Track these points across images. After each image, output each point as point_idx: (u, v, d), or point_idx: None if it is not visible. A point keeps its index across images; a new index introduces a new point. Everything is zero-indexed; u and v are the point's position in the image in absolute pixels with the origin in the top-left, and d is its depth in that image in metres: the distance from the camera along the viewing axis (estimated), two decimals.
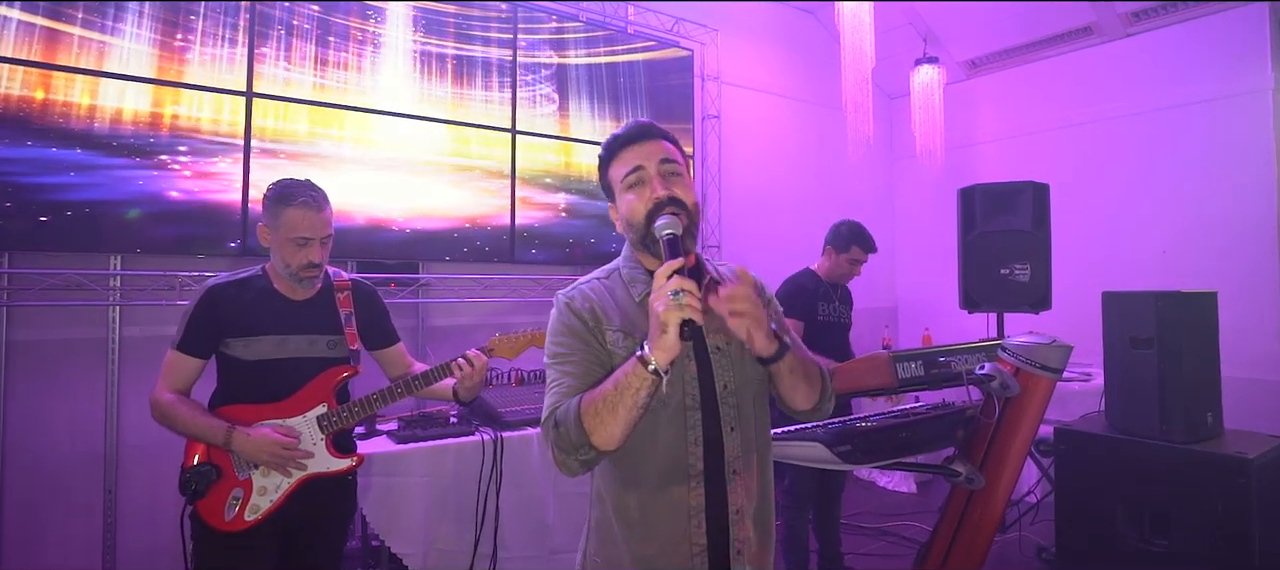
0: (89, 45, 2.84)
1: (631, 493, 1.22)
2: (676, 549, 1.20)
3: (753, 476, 1.28)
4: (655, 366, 1.04)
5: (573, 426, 1.11)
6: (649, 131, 1.28)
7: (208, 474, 1.59)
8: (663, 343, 1.03)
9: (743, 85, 5.17)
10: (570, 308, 1.25)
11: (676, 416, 1.21)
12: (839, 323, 3.03)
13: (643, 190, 1.22)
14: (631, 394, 1.06)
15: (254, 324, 1.67)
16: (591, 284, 1.30)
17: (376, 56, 3.57)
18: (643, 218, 1.20)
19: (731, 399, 1.25)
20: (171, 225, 2.98)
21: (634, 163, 1.23)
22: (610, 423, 1.08)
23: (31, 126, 2.72)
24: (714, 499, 1.22)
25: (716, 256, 4.91)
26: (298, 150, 3.31)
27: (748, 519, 1.25)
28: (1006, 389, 2.22)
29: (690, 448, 1.21)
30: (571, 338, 1.22)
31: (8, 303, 2.79)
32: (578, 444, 1.10)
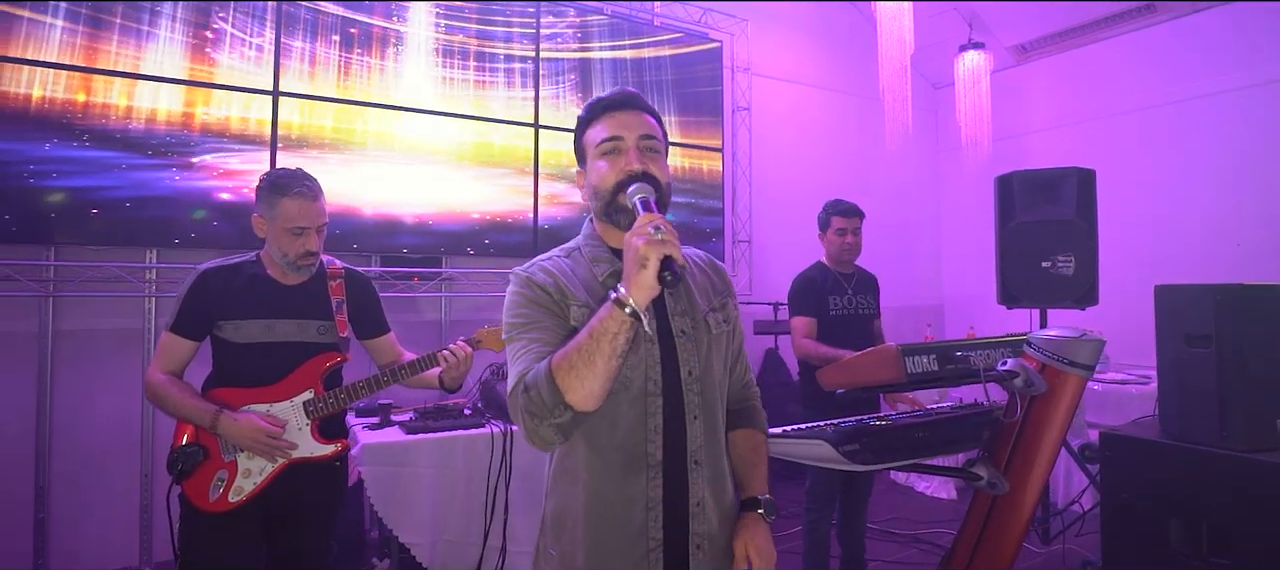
0: (126, 48, 2.97)
1: (587, 483, 1.14)
2: (633, 544, 1.12)
3: (718, 465, 1.21)
4: (633, 307, 0.96)
5: (545, 386, 1.02)
6: (634, 101, 1.21)
7: (194, 455, 1.62)
8: (641, 279, 0.95)
9: (774, 76, 5.04)
10: (531, 282, 1.17)
11: (637, 401, 1.13)
12: (856, 313, 2.86)
13: (617, 159, 1.15)
14: (609, 340, 0.98)
15: (244, 307, 1.70)
16: (552, 260, 1.21)
17: (399, 54, 3.63)
18: (611, 186, 1.14)
19: (696, 385, 1.17)
20: (203, 220, 3.09)
21: (613, 131, 1.16)
22: (587, 376, 0.99)
23: (74, 128, 2.86)
24: (674, 491, 1.15)
25: (748, 251, 4.80)
26: (323, 146, 3.39)
27: (710, 512, 1.18)
28: (1031, 386, 2.06)
29: (650, 435, 1.13)
30: (534, 308, 1.14)
31: (53, 294, 2.94)
32: (552, 405, 1.01)
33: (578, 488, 1.15)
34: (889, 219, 5.64)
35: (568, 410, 1.01)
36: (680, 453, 1.15)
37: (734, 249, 4.81)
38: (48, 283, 2.92)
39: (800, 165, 5.10)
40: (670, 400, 1.15)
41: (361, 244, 3.49)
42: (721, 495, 1.22)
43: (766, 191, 4.84)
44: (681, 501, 1.15)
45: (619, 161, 1.15)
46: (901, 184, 5.77)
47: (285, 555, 1.76)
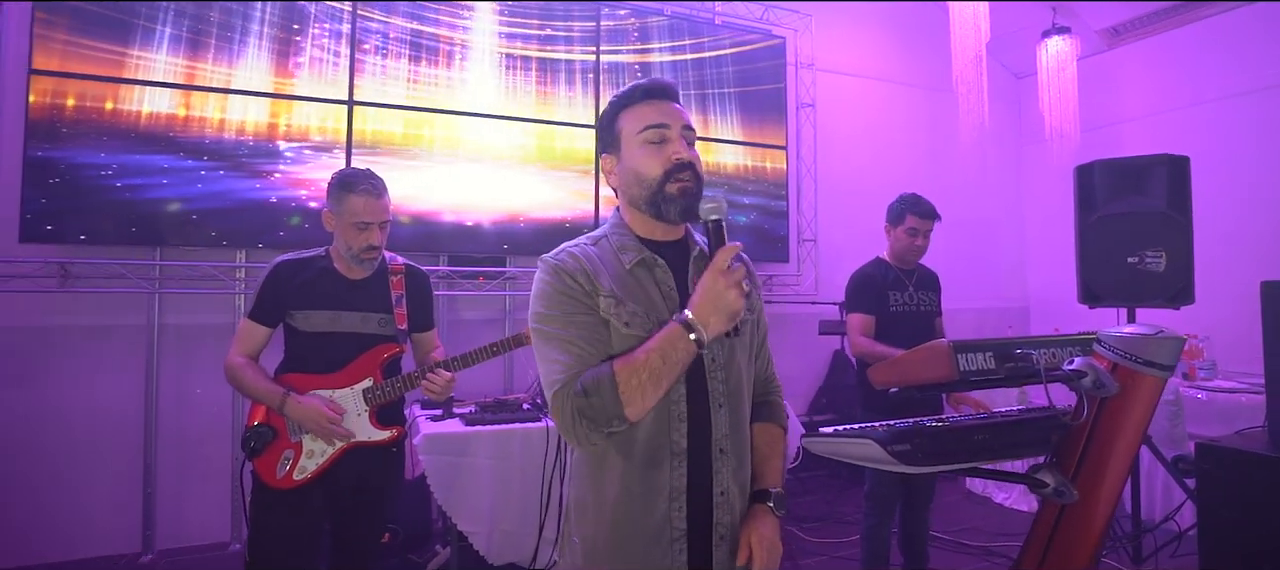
0: (220, 66, 3.25)
1: (612, 471, 1.14)
2: (657, 533, 1.12)
3: (743, 454, 1.21)
4: (705, 340, 1.02)
5: (608, 396, 1.03)
6: (674, 92, 1.21)
7: (265, 434, 1.76)
8: (720, 324, 1.02)
9: (840, 71, 4.90)
10: (563, 270, 1.15)
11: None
12: (917, 311, 2.74)
13: (664, 148, 1.15)
14: (680, 367, 1.04)
15: (312, 298, 1.82)
16: (580, 247, 1.20)
17: (465, 63, 3.78)
18: (659, 175, 1.14)
19: (720, 373, 1.17)
20: (283, 223, 3.32)
21: (656, 119, 1.16)
22: (651, 394, 1.03)
23: (176, 141, 3.15)
24: (698, 480, 1.14)
25: (813, 250, 4.69)
26: (393, 151, 3.57)
27: (734, 502, 1.17)
28: (1101, 388, 1.91)
29: (675, 423, 1.13)
30: (569, 300, 1.13)
31: (159, 291, 3.24)
32: (612, 415, 1.03)
33: (603, 475, 1.15)
34: (967, 217, 5.38)
35: (624, 421, 1.04)
36: (705, 442, 1.15)
37: (799, 248, 4.72)
38: (154, 280, 3.22)
39: (868, 162, 4.94)
40: (695, 389, 1.15)
41: (429, 244, 3.65)
42: (745, 486, 1.21)
43: (832, 189, 4.72)
44: (706, 491, 1.14)
45: (666, 149, 1.14)
46: (981, 180, 5.48)
47: (344, 532, 1.86)
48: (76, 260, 3.06)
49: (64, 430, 3.14)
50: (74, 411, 3.15)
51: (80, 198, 2.99)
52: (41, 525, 3.09)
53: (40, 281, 3.03)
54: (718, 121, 4.40)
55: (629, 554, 1.13)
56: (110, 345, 3.21)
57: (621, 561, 1.13)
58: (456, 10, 3.76)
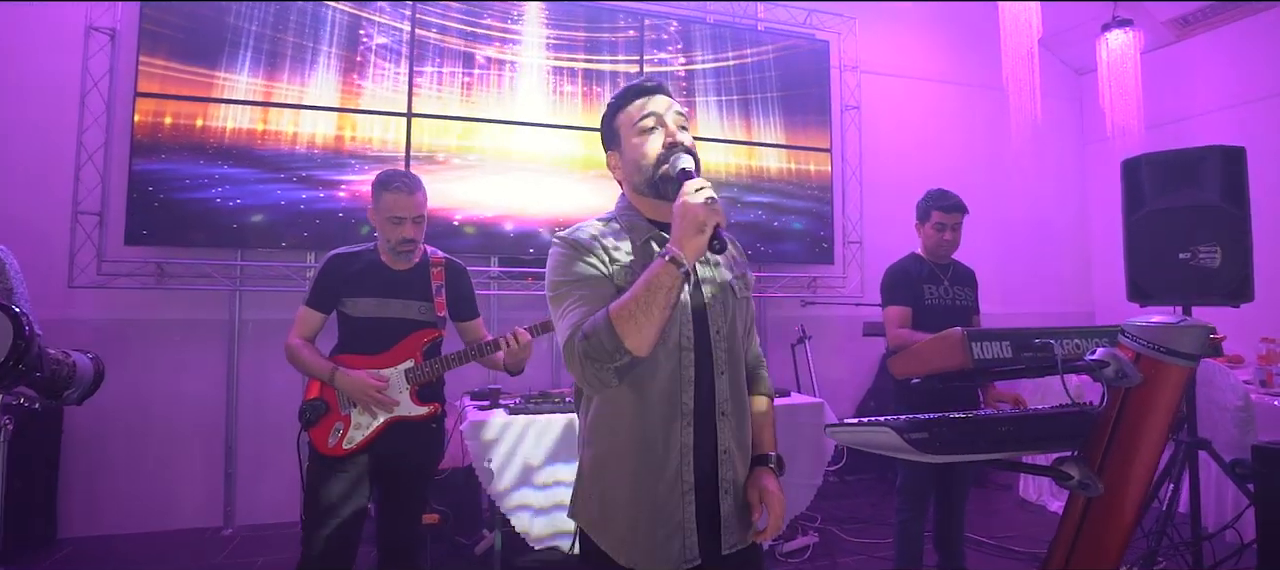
0: (294, 85, 3.57)
1: (631, 428, 1.24)
2: (671, 486, 1.23)
3: (742, 417, 1.33)
4: (686, 265, 1.09)
5: (605, 333, 1.11)
6: (664, 88, 1.33)
7: (319, 407, 1.97)
8: (697, 242, 1.09)
9: (885, 72, 4.88)
10: (575, 243, 1.26)
11: (673, 354, 1.23)
12: (953, 306, 2.73)
13: (658, 133, 1.26)
14: (664, 293, 1.09)
15: (361, 287, 2.02)
16: (591, 225, 1.31)
17: (515, 75, 3.99)
18: (654, 158, 1.24)
19: (723, 343, 1.28)
20: (350, 226, 3.60)
21: (649, 109, 1.27)
22: (645, 324, 1.10)
23: (255, 153, 3.48)
24: (703, 439, 1.25)
25: (858, 253, 4.67)
26: (449, 159, 3.81)
27: (736, 461, 1.29)
28: (1124, 378, 1.90)
29: (683, 386, 1.23)
30: (582, 266, 1.23)
31: (240, 289, 3.57)
32: (613, 350, 1.11)
33: (622, 433, 1.25)
34: (1027, 219, 5.23)
35: (627, 354, 1.12)
36: (709, 404, 1.26)
37: (845, 251, 4.70)
38: (236, 279, 3.55)
39: (915, 163, 4.88)
40: (701, 355, 1.26)
41: (482, 246, 3.86)
42: (744, 448, 1.33)
43: (878, 191, 4.69)
44: (710, 449, 1.26)
45: (659, 134, 1.26)
46: (1040, 180, 5.32)
47: (388, 506, 2.05)
48: (170, 260, 3.42)
49: (158, 413, 3.50)
50: (167, 396, 3.51)
51: (174, 205, 3.35)
52: (138, 498, 3.46)
53: (141, 279, 3.40)
54: (761, 126, 4.46)
55: (648, 503, 1.23)
56: (198, 337, 3.56)
57: (639, 510, 1.24)
58: (507, 27, 3.99)
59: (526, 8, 4.03)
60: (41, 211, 3.32)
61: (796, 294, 4.55)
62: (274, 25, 3.54)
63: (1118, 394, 1.88)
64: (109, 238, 3.34)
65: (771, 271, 4.49)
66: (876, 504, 4.09)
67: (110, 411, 3.40)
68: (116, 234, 3.33)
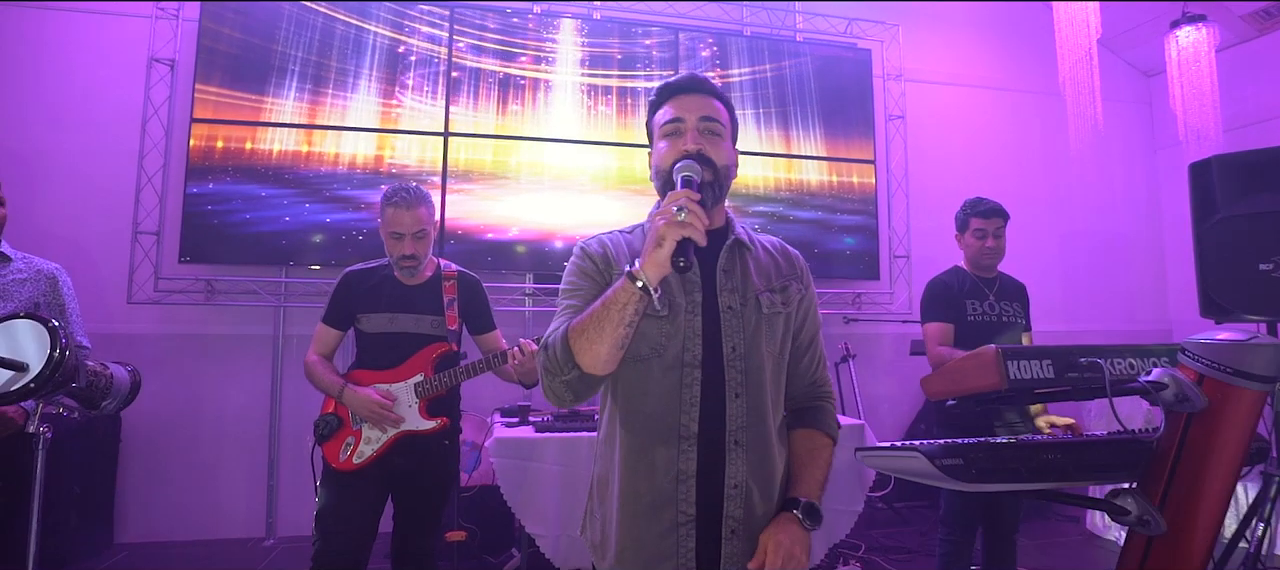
0: (336, 108, 3.69)
1: (620, 449, 1.17)
2: (660, 513, 1.13)
3: (764, 451, 1.18)
4: (643, 282, 1.00)
5: (559, 346, 1.07)
6: (698, 86, 1.25)
7: (331, 422, 1.98)
8: (655, 257, 0.99)
9: (931, 80, 4.69)
10: (585, 252, 1.24)
11: (672, 371, 1.15)
12: (999, 322, 2.54)
13: (677, 140, 1.19)
14: (618, 309, 1.02)
15: (373, 302, 2.03)
16: (611, 234, 1.28)
17: (549, 94, 4.02)
18: (668, 165, 1.18)
19: (739, 363, 1.16)
20: None
21: (676, 113, 1.21)
22: (596, 341, 1.04)
23: (300, 175, 3.60)
24: (709, 468, 1.14)
25: (905, 267, 4.48)
26: (484, 177, 3.86)
27: (753, 499, 1.15)
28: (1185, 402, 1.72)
29: (686, 407, 1.14)
30: (580, 277, 1.21)
31: (284, 305, 3.69)
32: (562, 363, 1.07)
33: (614, 453, 1.19)
34: (1091, 230, 4.92)
35: (576, 369, 1.06)
36: (718, 430, 1.15)
37: (891, 265, 4.52)
38: (281, 296, 3.67)
39: (965, 174, 4.65)
40: (710, 375, 1.15)
41: (519, 262, 3.88)
42: (767, 484, 1.18)
43: (925, 203, 4.49)
44: (719, 480, 1.14)
45: (678, 142, 1.18)
46: (1106, 189, 5.00)
47: (403, 522, 2.04)
48: (219, 278, 3.57)
49: (208, 424, 3.63)
50: (216, 409, 3.64)
51: (223, 225, 3.49)
52: (189, 505, 3.59)
53: (192, 296, 3.55)
54: (801, 138, 4.34)
55: (638, 531, 1.15)
56: (244, 352, 3.69)
57: (632, 537, 1.16)
58: (542, 45, 4.02)
59: (562, 25, 4.07)
60: (106, 232, 3.52)
61: (840, 310, 4.39)
62: (318, 50, 3.68)
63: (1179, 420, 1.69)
64: (165, 256, 3.52)
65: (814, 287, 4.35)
66: (926, 533, 3.86)
67: (165, 422, 3.55)
68: (172, 253, 3.49)
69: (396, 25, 3.82)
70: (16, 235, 2.45)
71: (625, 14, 4.27)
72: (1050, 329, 2.79)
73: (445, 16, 3.89)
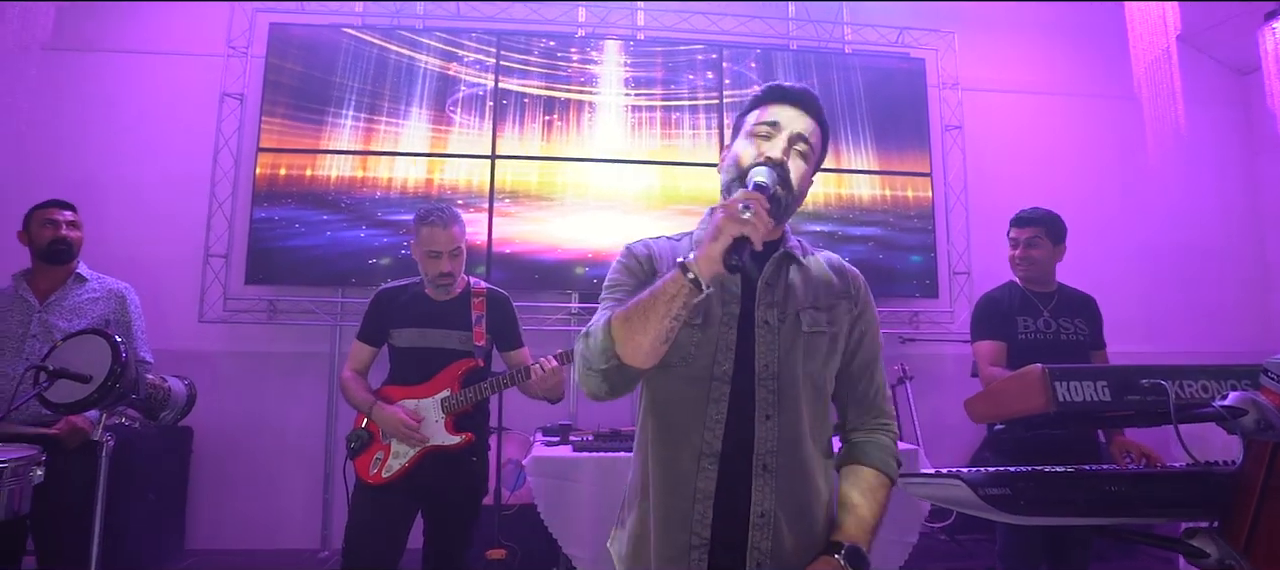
0: (390, 133, 3.84)
1: (646, 458, 1.14)
2: (675, 532, 1.07)
3: (798, 480, 1.11)
4: (694, 274, 0.95)
5: (600, 333, 1.03)
6: (811, 104, 1.19)
7: (363, 437, 2.03)
8: (710, 250, 0.94)
9: (990, 88, 4.47)
10: (630, 252, 1.22)
11: (698, 382, 1.10)
12: (1057, 340, 2.34)
13: (764, 143, 1.14)
14: (665, 301, 0.98)
15: (404, 318, 2.08)
16: (658, 239, 1.26)
17: (593, 115, 4.06)
18: (747, 164, 1.12)
19: (771, 383, 1.10)
20: None
21: (773, 117, 1.15)
22: (639, 331, 0.99)
23: (355, 199, 3.77)
24: (732, 491, 1.08)
25: (966, 284, 4.27)
26: (530, 198, 3.92)
27: (781, 530, 1.08)
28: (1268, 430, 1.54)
29: (710, 423, 1.09)
30: (624, 274, 1.19)
31: (340, 324, 3.84)
32: (601, 352, 1.02)
33: (641, 461, 1.16)
34: (1176, 242, 4.55)
35: (614, 359, 1.01)
36: (746, 452, 1.09)
37: (951, 282, 4.30)
38: (337, 315, 3.82)
39: (1030, 186, 4.38)
40: (740, 392, 1.10)
41: (563, 282, 3.91)
42: (800, 517, 1.11)
43: (987, 217, 4.25)
44: (743, 507, 1.08)
45: (765, 145, 1.13)
46: (1195, 197, 4.61)
47: (433, 536, 2.07)
48: (281, 297, 3.75)
49: (271, 438, 3.80)
50: (278, 423, 3.81)
51: (285, 248, 3.68)
52: (253, 515, 3.76)
53: (256, 315, 3.75)
54: (851, 152, 4.22)
55: (650, 549, 1.10)
56: (304, 369, 3.85)
57: (645, 553, 1.12)
58: (586, 68, 4.08)
59: (605, 47, 4.11)
60: (180, 255, 3.77)
61: (897, 329, 4.20)
62: (373, 81, 3.86)
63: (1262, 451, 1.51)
64: (232, 277, 3.73)
65: None
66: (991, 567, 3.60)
67: (231, 435, 3.74)
68: (239, 274, 3.70)
69: (446, 54, 3.96)
70: (99, 259, 2.65)
71: (668, 33, 4.28)
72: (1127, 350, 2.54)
73: (492, 44, 4.00)
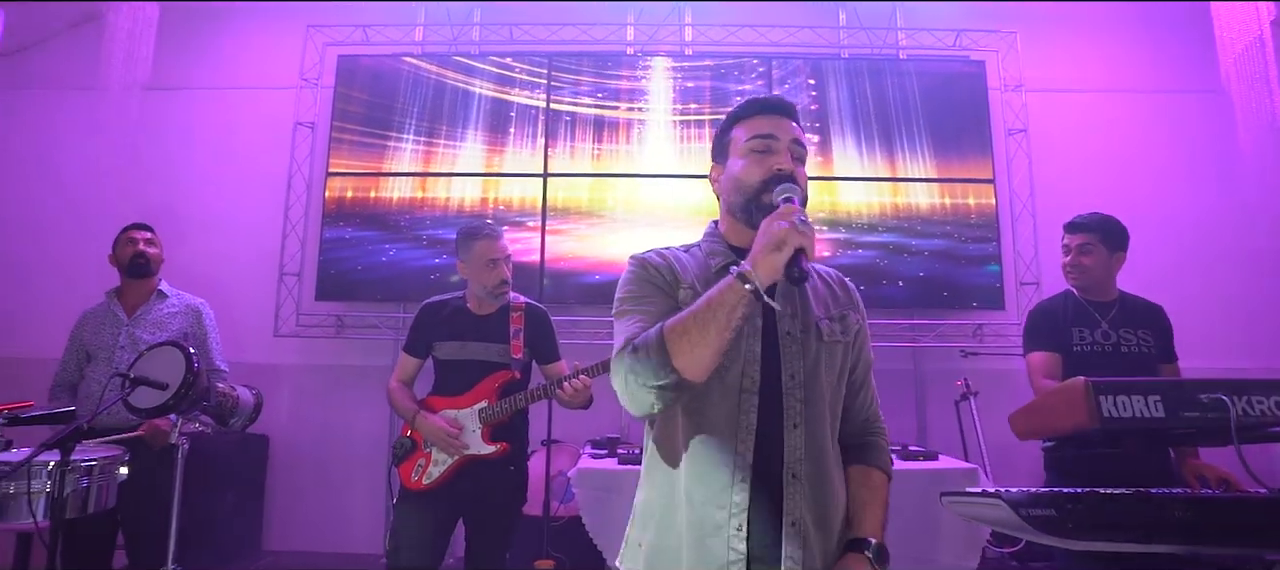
0: (448, 154, 4.02)
1: (677, 475, 1.12)
2: (710, 547, 1.06)
3: (823, 487, 1.11)
4: (753, 284, 0.96)
5: (654, 347, 1.01)
6: (789, 110, 1.22)
7: (406, 445, 2.13)
8: (772, 260, 0.95)
9: (1058, 88, 4.24)
10: (645, 262, 1.22)
11: (730, 395, 1.10)
12: (1116, 352, 2.18)
13: (768, 157, 1.15)
14: (726, 311, 0.97)
15: (447, 331, 2.17)
16: (669, 249, 1.26)
17: (642, 131, 4.11)
18: (758, 181, 1.14)
19: (798, 391, 1.11)
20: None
21: (766, 129, 1.17)
22: (699, 342, 0.98)
23: (415, 218, 3.95)
24: (765, 503, 1.08)
25: (1035, 295, 4.06)
26: (580, 215, 4.00)
27: (810, 538, 1.08)
28: None
29: (742, 434, 1.09)
30: (646, 285, 1.18)
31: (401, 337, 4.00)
32: (658, 366, 1.00)
33: (666, 479, 1.14)
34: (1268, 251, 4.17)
35: (673, 373, 1.00)
36: (776, 462, 1.09)
37: (1018, 293, 4.09)
38: (398, 330, 4.01)
39: (1102, 190, 4.12)
40: (768, 402, 1.10)
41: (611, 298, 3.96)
42: (824, 523, 1.11)
43: (1056, 224, 4.00)
44: (775, 516, 1.07)
45: (769, 159, 1.15)
46: None
47: (473, 536, 2.15)
48: (348, 313, 3.97)
49: (337, 447, 4.01)
50: (345, 432, 4.02)
51: (351, 266, 3.89)
52: (321, 520, 3.96)
53: (325, 329, 3.97)
54: (907, 160, 4.10)
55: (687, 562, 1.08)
56: (369, 382, 4.05)
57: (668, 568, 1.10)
58: (635, 85, 4.15)
59: (654, 65, 4.17)
60: (256, 274, 4.05)
61: (957, 343, 4.03)
62: (431, 108, 4.06)
63: None
64: (304, 294, 3.97)
65: (928, 318, 4.04)
66: None
67: (304, 442, 3.98)
68: (309, 291, 3.95)
69: (499, 79, 4.12)
70: (183, 278, 2.90)
71: (717, 47, 4.30)
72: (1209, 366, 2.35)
73: (544, 66, 4.13)
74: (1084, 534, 1.62)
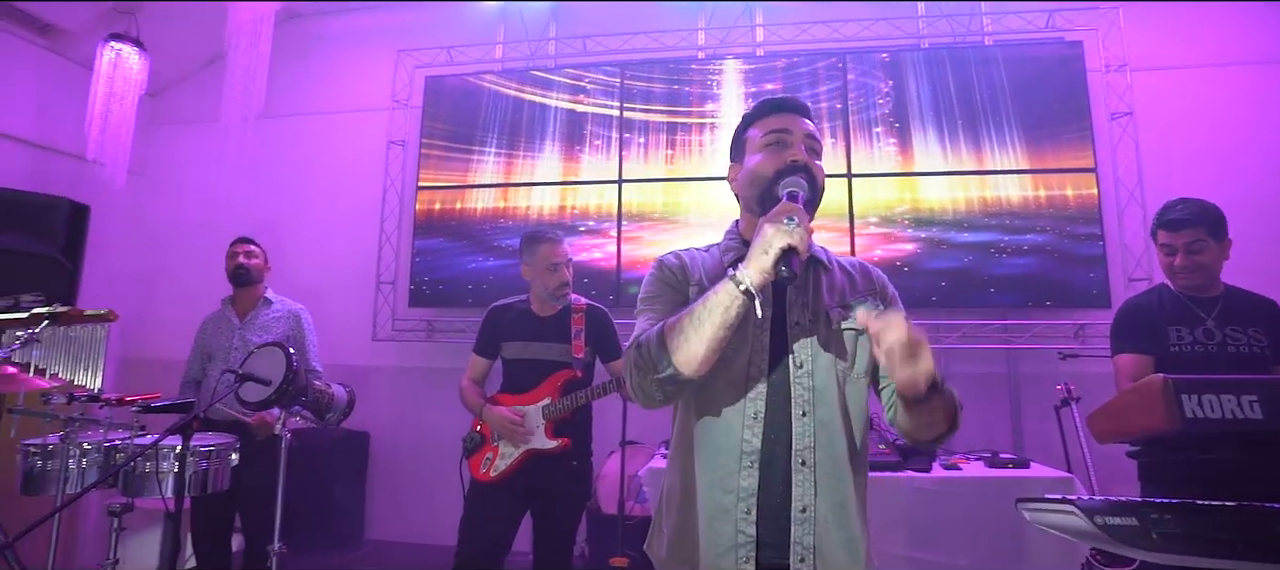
0: (528, 164, 4.20)
1: (689, 462, 1.18)
2: (721, 533, 1.11)
3: (834, 475, 1.12)
4: (746, 285, 1.01)
5: (654, 343, 1.08)
6: (804, 109, 1.28)
7: (476, 439, 2.26)
8: (759, 262, 1.00)
9: (1166, 65, 3.87)
10: (662, 264, 1.30)
11: (737, 384, 1.14)
12: (1220, 351, 1.96)
13: (781, 151, 1.20)
14: (720, 311, 1.03)
15: (513, 332, 2.29)
16: (688, 250, 1.34)
17: (715, 134, 4.12)
18: (771, 173, 1.18)
19: (806, 380, 1.14)
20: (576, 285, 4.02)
21: (780, 125, 1.23)
22: (694, 340, 1.04)
23: (498, 227, 4.15)
24: (773, 489, 1.11)
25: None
26: (655, 218, 4.07)
27: (822, 524, 1.10)
28: None
29: (748, 422, 1.13)
30: (660, 284, 1.26)
31: None
32: (656, 361, 1.07)
33: (683, 466, 1.21)
34: None
35: (670, 368, 1.06)
36: (784, 448, 1.12)
37: (1126, 290, 3.76)
38: None
39: (1218, 174, 3.73)
40: (775, 391, 1.15)
41: None
42: (839, 512, 1.12)
43: None
44: (784, 503, 1.11)
45: (783, 152, 1.20)
46: None
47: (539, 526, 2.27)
48: (439, 318, 4.22)
49: (429, 446, 4.25)
50: (437, 431, 4.24)
51: (440, 275, 4.14)
52: (415, 513, 4.22)
53: (418, 334, 4.24)
54: (995, 151, 3.88)
55: (701, 549, 1.13)
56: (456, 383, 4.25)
57: (686, 554, 1.16)
58: (707, 89, 4.17)
59: (725, 67, 4.18)
60: (356, 283, 4.38)
61: (1055, 345, 3.76)
62: (510, 123, 4.25)
63: None
64: (398, 301, 4.26)
65: (1021, 318, 3.80)
66: None
67: (401, 440, 4.26)
68: (403, 298, 4.23)
69: (574, 91, 4.26)
70: (290, 286, 3.20)
71: (789, 46, 4.25)
72: None
73: (617, 75, 4.23)
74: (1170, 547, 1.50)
